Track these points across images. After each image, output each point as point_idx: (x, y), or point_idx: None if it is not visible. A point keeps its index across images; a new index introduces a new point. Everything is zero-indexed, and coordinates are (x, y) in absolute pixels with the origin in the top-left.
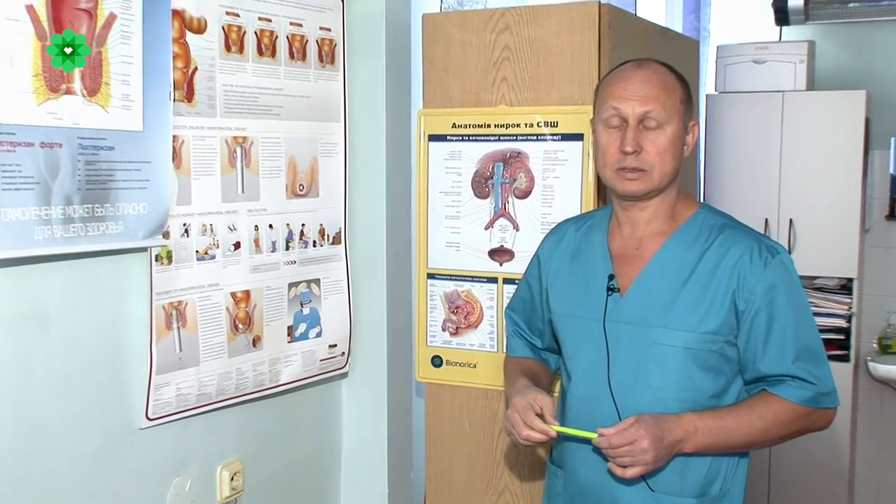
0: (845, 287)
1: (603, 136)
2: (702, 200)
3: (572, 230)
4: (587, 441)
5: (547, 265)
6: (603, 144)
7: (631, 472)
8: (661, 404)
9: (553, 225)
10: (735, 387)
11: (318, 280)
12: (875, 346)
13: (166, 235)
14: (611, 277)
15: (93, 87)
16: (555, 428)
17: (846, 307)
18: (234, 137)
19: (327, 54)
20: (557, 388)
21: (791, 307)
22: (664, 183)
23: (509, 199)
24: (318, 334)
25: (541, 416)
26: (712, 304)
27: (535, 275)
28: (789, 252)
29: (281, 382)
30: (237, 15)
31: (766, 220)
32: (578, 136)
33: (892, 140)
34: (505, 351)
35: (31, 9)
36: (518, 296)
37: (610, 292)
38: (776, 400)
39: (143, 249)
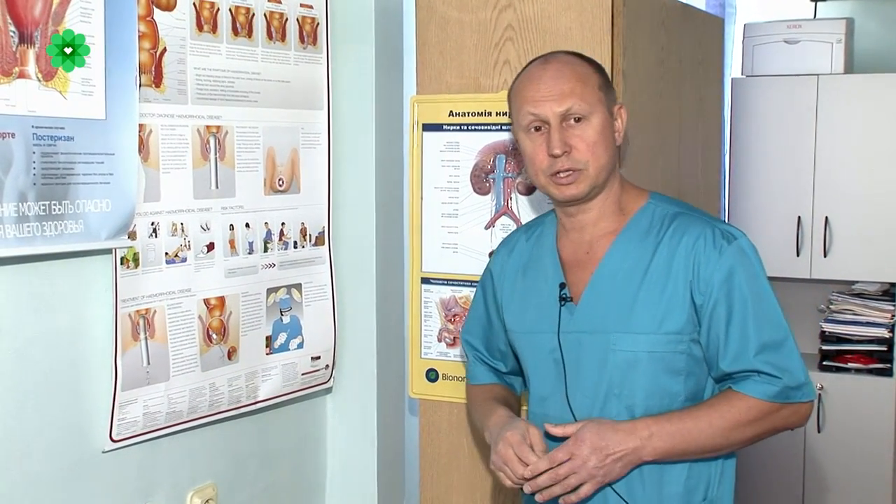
0: (887, 293)
1: (527, 143)
2: (726, 198)
3: (522, 240)
4: None
5: (500, 281)
6: (529, 152)
7: (584, 490)
8: (628, 414)
9: None
10: (711, 386)
11: (300, 285)
12: None
13: (132, 236)
14: (562, 286)
15: (49, 71)
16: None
17: (889, 315)
18: (207, 127)
19: (309, 35)
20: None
21: (751, 296)
22: (602, 178)
23: (512, 195)
24: (300, 345)
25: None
26: (672, 302)
27: (489, 293)
28: (824, 255)
29: (259, 399)
30: None
31: (799, 217)
32: None
33: None
34: (466, 379)
35: None
36: (473, 317)
37: (563, 302)
38: (739, 397)
39: (107, 251)
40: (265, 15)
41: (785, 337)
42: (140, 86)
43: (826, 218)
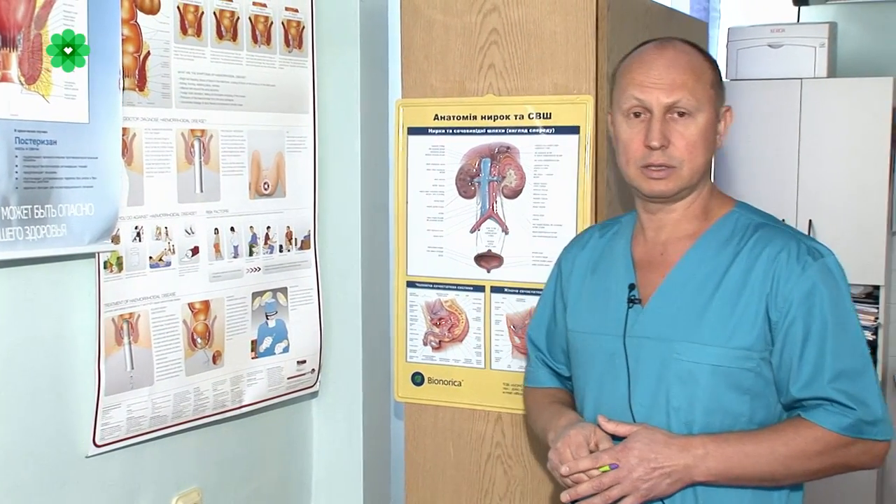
0: (871, 295)
1: (624, 128)
2: None
3: (596, 237)
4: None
5: (568, 278)
6: (624, 139)
7: (628, 502)
8: (686, 429)
9: (547, 227)
10: (780, 414)
11: (285, 289)
12: None
13: (116, 240)
14: (631, 287)
15: (32, 74)
16: (602, 469)
17: (872, 318)
18: (192, 130)
19: (294, 38)
20: None
21: (833, 318)
22: (695, 180)
23: (497, 198)
24: (286, 349)
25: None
26: (745, 315)
27: (557, 290)
28: None
29: (244, 403)
30: None
31: (783, 220)
32: (574, 129)
33: None
34: (525, 382)
35: None
36: (539, 314)
37: (631, 304)
38: (807, 426)
39: (90, 255)
40: (250, 18)
41: (864, 367)
42: (124, 89)
43: (810, 221)
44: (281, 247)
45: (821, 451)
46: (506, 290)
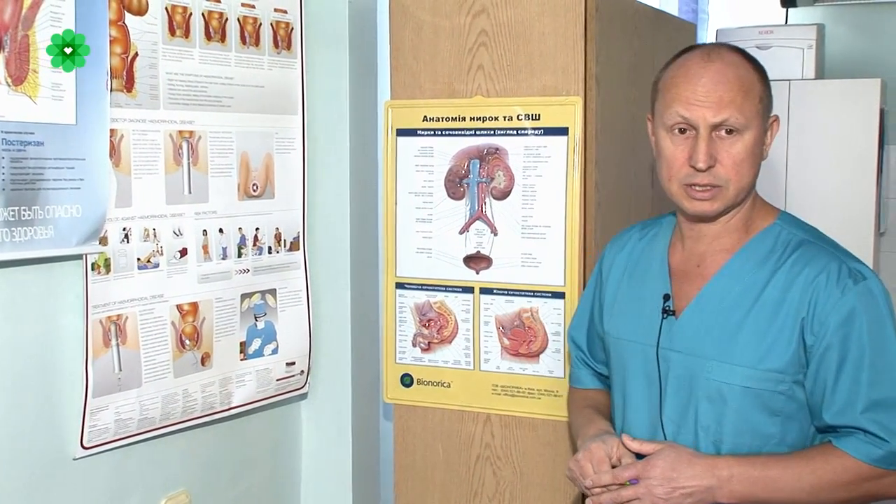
0: None
1: (667, 144)
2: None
3: (636, 237)
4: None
5: (607, 278)
6: (668, 155)
7: None
8: (714, 449)
9: (536, 228)
10: (814, 436)
11: (274, 291)
12: None
13: (103, 241)
14: (666, 298)
15: (18, 76)
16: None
17: None
18: (180, 132)
19: (283, 39)
20: None
21: (871, 345)
22: (740, 198)
23: (486, 200)
24: (275, 351)
25: (616, 467)
26: (779, 337)
27: (595, 291)
28: None
29: (233, 405)
30: None
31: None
32: (563, 131)
33: None
34: (569, 382)
35: None
36: (580, 313)
37: (665, 315)
38: (837, 454)
39: (78, 257)
40: (239, 19)
41: None
42: (111, 90)
43: None
44: (270, 248)
45: (850, 482)
46: (495, 291)
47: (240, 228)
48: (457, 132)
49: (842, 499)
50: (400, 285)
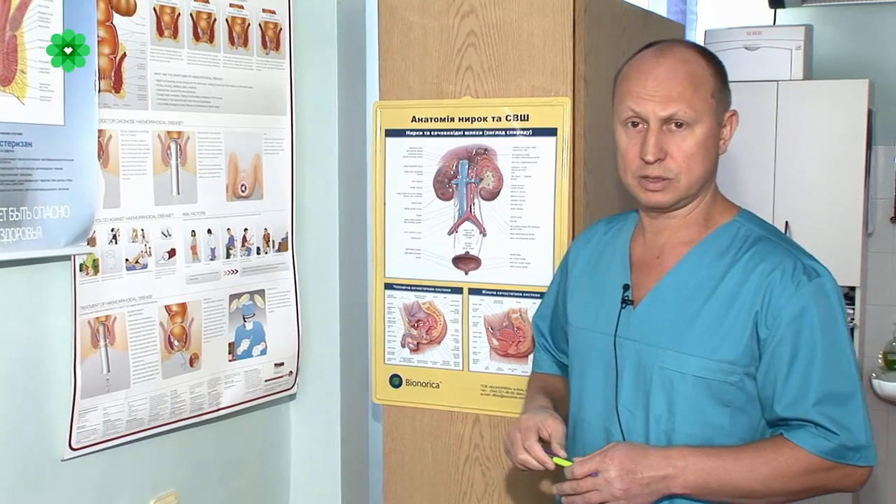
0: (847, 297)
1: (622, 137)
2: None
3: (601, 231)
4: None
5: (572, 270)
6: (622, 148)
7: None
8: (665, 438)
9: (525, 229)
10: (764, 429)
11: (263, 291)
12: (880, 361)
13: (92, 242)
14: (626, 288)
15: (6, 76)
16: (556, 460)
17: (848, 319)
18: (168, 132)
19: (272, 40)
20: None
21: (823, 341)
22: (693, 190)
23: (475, 200)
24: (263, 352)
25: (547, 443)
26: (732, 329)
27: (562, 280)
28: None
29: (222, 406)
30: None
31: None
32: (551, 131)
33: None
34: (531, 367)
35: None
36: (545, 302)
37: (623, 304)
38: (789, 446)
39: (66, 258)
40: (227, 20)
41: (852, 392)
42: (99, 91)
43: (786, 222)
44: (258, 249)
45: (801, 473)
46: (483, 291)
47: (228, 229)
48: (445, 133)
49: (793, 490)
50: (389, 286)
